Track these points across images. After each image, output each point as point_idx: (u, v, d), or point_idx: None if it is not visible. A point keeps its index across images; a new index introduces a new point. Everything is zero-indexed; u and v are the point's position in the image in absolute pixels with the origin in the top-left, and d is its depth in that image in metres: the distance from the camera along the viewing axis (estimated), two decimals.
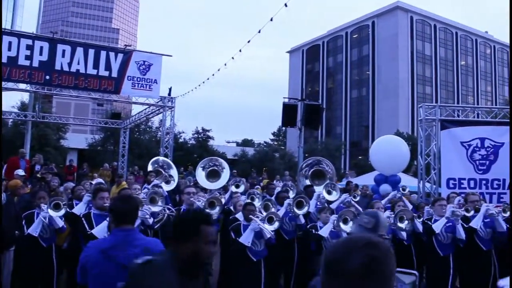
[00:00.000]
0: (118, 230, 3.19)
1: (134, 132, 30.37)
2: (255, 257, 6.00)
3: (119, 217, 3.24)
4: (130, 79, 13.90)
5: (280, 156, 41.46)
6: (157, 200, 6.65)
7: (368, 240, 1.36)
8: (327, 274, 1.34)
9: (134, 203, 3.39)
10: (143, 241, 3.17)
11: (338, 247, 1.37)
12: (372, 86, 67.54)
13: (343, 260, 1.29)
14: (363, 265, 1.26)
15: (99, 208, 5.35)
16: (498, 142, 10.71)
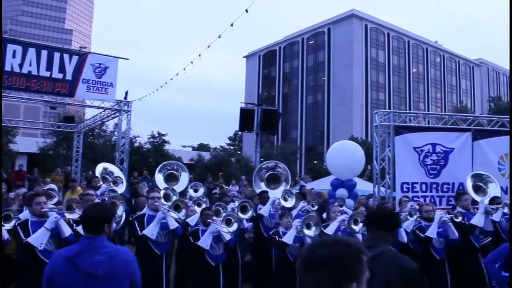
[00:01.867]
0: (84, 238, 3.17)
1: (88, 136, 29.66)
2: (214, 262, 5.97)
3: (84, 225, 3.24)
4: (85, 82, 13.57)
5: (236, 160, 41.46)
6: (117, 204, 6.54)
7: (337, 240, 1.58)
8: (302, 268, 1.53)
9: (103, 211, 3.31)
10: (109, 249, 3.13)
11: (313, 245, 1.58)
12: (328, 91, 68.57)
13: (314, 255, 1.49)
14: (331, 260, 1.44)
15: (37, 214, 5.11)
16: (449, 147, 11.06)
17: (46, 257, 4.99)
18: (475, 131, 11.32)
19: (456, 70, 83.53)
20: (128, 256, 3.20)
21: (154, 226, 5.86)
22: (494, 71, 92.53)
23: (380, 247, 2.76)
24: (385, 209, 4.41)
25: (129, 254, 3.24)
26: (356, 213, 6.82)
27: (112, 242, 7.06)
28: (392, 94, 71.13)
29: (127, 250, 3.29)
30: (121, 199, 6.78)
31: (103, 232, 3.16)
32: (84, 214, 3.43)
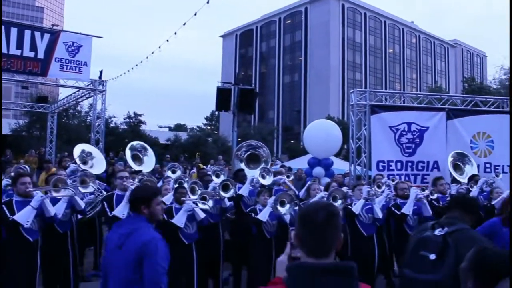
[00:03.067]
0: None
1: (62, 117, 29.14)
2: (187, 240, 5.96)
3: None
4: (58, 60, 13.26)
5: (213, 140, 41.35)
6: (87, 182, 6.44)
7: (328, 203, 2.20)
8: (301, 224, 1.98)
9: (139, 193, 3.61)
10: (134, 226, 3.40)
11: (309, 206, 2.07)
12: (305, 71, 68.63)
13: (314, 214, 1.94)
14: (328, 218, 1.92)
15: (21, 194, 5.16)
16: (424, 126, 11.22)
17: (30, 235, 5.09)
18: (449, 110, 11.49)
19: (431, 50, 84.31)
20: (145, 237, 3.31)
21: (123, 206, 5.76)
22: (469, 52, 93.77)
23: (457, 225, 3.21)
24: (466, 195, 5.39)
25: (148, 235, 3.34)
26: (334, 190, 6.88)
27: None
28: (368, 74, 71.56)
29: (149, 232, 3.39)
30: (92, 177, 6.66)
31: (139, 211, 3.43)
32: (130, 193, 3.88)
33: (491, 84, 40.41)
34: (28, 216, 4.98)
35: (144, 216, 3.43)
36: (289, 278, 1.85)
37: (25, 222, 4.94)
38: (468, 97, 13.17)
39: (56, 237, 5.93)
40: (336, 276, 1.81)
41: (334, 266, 1.85)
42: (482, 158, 11.41)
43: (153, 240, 3.32)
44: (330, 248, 1.91)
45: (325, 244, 1.90)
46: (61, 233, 5.98)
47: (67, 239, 6.09)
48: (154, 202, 3.49)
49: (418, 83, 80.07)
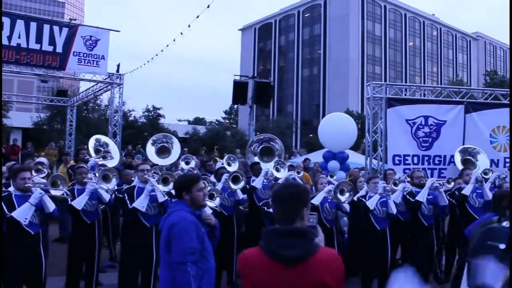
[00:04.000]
0: None
1: (82, 110, 29.51)
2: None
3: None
4: (76, 54, 13.41)
5: (232, 134, 41.44)
6: (110, 177, 6.55)
7: (294, 184, 3.12)
8: (273, 199, 2.61)
9: (179, 181, 4.04)
10: (172, 209, 3.74)
11: (280, 186, 2.70)
12: (323, 65, 68.23)
13: (281, 192, 2.53)
14: (290, 195, 2.47)
15: (20, 189, 5.17)
16: (441, 120, 11.06)
17: (32, 229, 5.11)
18: (468, 104, 11.30)
19: (453, 43, 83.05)
20: (174, 219, 3.56)
21: (144, 199, 5.88)
22: (491, 45, 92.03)
23: None
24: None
25: (177, 217, 3.56)
26: (341, 183, 6.85)
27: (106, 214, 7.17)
28: (388, 68, 70.85)
29: (179, 214, 3.60)
30: (114, 171, 6.78)
31: (182, 197, 3.72)
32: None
33: None
34: (27, 213, 4.97)
35: (185, 202, 3.68)
36: (263, 239, 2.38)
37: (23, 220, 4.93)
38: (487, 90, 12.93)
39: (84, 228, 6.08)
40: (295, 236, 2.30)
41: (294, 229, 2.35)
42: (502, 152, 11.20)
43: (180, 221, 3.51)
44: (292, 218, 2.39)
45: (288, 214, 2.41)
46: (88, 224, 6.11)
47: (94, 229, 6.21)
48: (195, 188, 3.72)
49: (439, 76, 79.00)
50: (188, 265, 3.40)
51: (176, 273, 3.43)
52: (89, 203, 6.03)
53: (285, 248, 2.25)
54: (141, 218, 5.93)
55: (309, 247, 2.29)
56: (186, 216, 3.58)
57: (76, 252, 6.08)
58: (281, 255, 2.26)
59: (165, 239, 3.54)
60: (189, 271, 3.40)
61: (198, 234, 3.53)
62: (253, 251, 2.41)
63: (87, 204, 5.98)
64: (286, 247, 2.26)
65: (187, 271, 3.40)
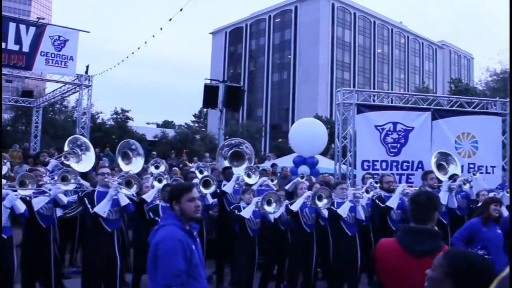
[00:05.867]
0: None
1: (48, 112, 28.87)
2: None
3: None
4: (43, 54, 13.15)
5: (201, 138, 41.22)
6: (69, 179, 6.38)
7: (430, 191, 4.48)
8: (410, 202, 3.16)
9: (170, 190, 3.82)
10: (161, 221, 3.63)
11: (418, 192, 3.52)
12: (293, 70, 68.65)
13: (419, 197, 3.10)
14: (428, 199, 3.05)
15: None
16: (409, 126, 11.27)
17: (4, 233, 5.00)
18: (435, 111, 11.56)
19: (419, 51, 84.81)
20: (159, 236, 3.30)
21: (105, 204, 5.71)
22: (456, 54, 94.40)
23: None
24: None
25: (163, 234, 3.29)
26: (320, 189, 6.87)
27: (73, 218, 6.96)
28: (357, 74, 71.78)
29: (166, 231, 3.32)
30: (73, 173, 6.59)
31: (172, 208, 3.43)
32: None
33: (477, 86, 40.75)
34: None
35: (175, 213, 3.39)
36: (399, 235, 3.00)
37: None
38: (453, 97, 13.28)
39: (38, 232, 5.88)
40: (427, 235, 2.89)
41: (426, 229, 2.94)
42: (466, 158, 11.50)
43: (166, 239, 3.25)
44: (426, 219, 2.98)
45: (423, 216, 2.99)
46: (43, 228, 5.93)
47: (49, 234, 6.04)
48: (185, 198, 3.40)
49: (406, 83, 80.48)
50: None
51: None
52: (45, 206, 5.87)
53: (417, 243, 2.83)
54: (102, 223, 5.78)
55: (436, 244, 2.83)
56: (174, 233, 3.29)
57: (30, 256, 5.86)
58: (414, 249, 2.82)
59: (152, 257, 3.29)
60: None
61: (185, 253, 3.25)
62: (389, 241, 3.03)
63: (43, 208, 5.82)
64: (418, 242, 2.83)
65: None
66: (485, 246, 5.23)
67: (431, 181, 7.89)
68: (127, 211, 5.99)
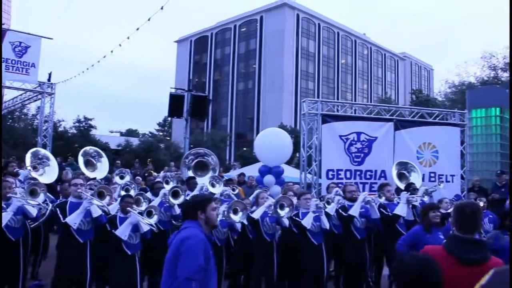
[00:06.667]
0: None
1: (7, 119, 28.12)
2: (130, 251, 5.85)
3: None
4: (3, 61, 12.80)
5: (166, 147, 40.91)
6: (38, 192, 6.25)
7: (472, 203, 3.59)
8: (456, 213, 3.23)
9: (188, 203, 4.10)
10: (182, 227, 3.77)
11: (463, 203, 3.41)
12: (258, 79, 68.97)
13: (464, 208, 3.21)
14: (472, 211, 3.20)
15: None
16: (372, 136, 11.52)
17: None
18: (397, 121, 11.86)
19: (382, 62, 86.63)
20: (184, 234, 3.60)
21: (78, 215, 5.69)
22: (417, 65, 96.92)
23: None
24: None
25: (188, 233, 3.59)
26: (281, 198, 6.92)
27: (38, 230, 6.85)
28: (321, 84, 72.67)
29: (190, 230, 3.62)
30: (43, 186, 6.49)
31: (195, 217, 3.71)
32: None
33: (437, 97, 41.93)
34: None
35: (198, 221, 3.69)
36: (447, 243, 3.13)
37: None
38: (415, 108, 13.64)
39: (7, 245, 5.71)
40: (475, 245, 2.99)
41: (473, 239, 3.05)
42: (427, 167, 11.83)
43: (190, 237, 3.54)
44: (473, 229, 3.09)
45: (470, 226, 3.09)
46: (12, 241, 5.76)
47: (19, 246, 5.87)
48: (209, 207, 3.76)
49: (369, 93, 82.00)
50: (193, 283, 3.41)
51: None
52: (14, 219, 5.72)
53: (466, 252, 2.94)
54: (74, 234, 5.72)
55: (485, 254, 2.96)
56: (198, 233, 3.60)
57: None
58: (463, 258, 2.93)
59: (173, 255, 3.56)
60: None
61: (205, 253, 3.54)
62: (436, 248, 3.17)
63: (11, 220, 5.67)
64: (467, 251, 2.95)
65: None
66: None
67: (388, 194, 7.99)
68: (99, 222, 5.93)
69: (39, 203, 6.05)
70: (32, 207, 5.93)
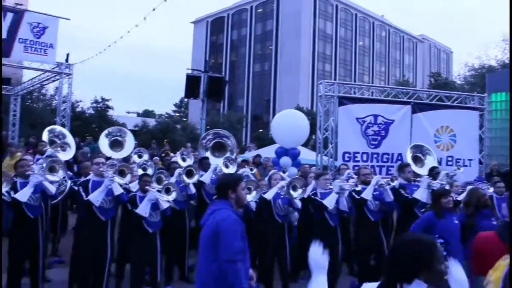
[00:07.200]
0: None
1: (26, 100, 28.43)
2: (151, 229, 5.95)
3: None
4: (22, 41, 12.89)
5: (182, 128, 41.10)
6: (57, 169, 6.34)
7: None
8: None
9: (222, 180, 3.98)
10: (215, 207, 3.75)
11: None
12: (275, 61, 68.66)
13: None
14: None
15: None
16: (389, 119, 11.43)
17: None
18: (415, 104, 11.73)
19: (400, 44, 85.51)
20: (220, 216, 3.59)
21: (100, 192, 5.77)
22: (436, 48, 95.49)
23: None
24: None
25: (224, 214, 3.59)
26: (294, 180, 6.93)
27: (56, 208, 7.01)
28: (338, 66, 72.12)
29: (225, 212, 3.63)
30: (61, 163, 6.58)
31: (226, 196, 3.74)
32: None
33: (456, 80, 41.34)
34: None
35: (229, 201, 3.72)
36: (499, 229, 3.26)
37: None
38: (433, 91, 13.48)
39: (26, 222, 5.84)
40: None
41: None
42: (444, 151, 11.72)
43: (227, 219, 3.56)
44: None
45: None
46: (32, 218, 5.89)
47: (37, 224, 5.97)
48: (240, 187, 3.80)
49: (386, 76, 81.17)
50: (238, 263, 3.44)
51: (226, 272, 3.44)
52: (33, 197, 5.83)
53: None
54: (96, 212, 5.82)
55: None
56: (231, 214, 3.64)
57: (18, 248, 5.81)
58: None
59: (210, 235, 3.57)
60: (239, 269, 3.44)
61: (241, 233, 3.60)
62: (489, 235, 3.24)
63: (30, 198, 5.79)
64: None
65: (237, 269, 3.43)
66: (441, 236, 5.36)
67: (408, 174, 7.93)
68: (121, 200, 6.03)
69: (58, 180, 6.16)
70: (51, 184, 6.03)
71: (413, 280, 2.08)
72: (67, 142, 8.62)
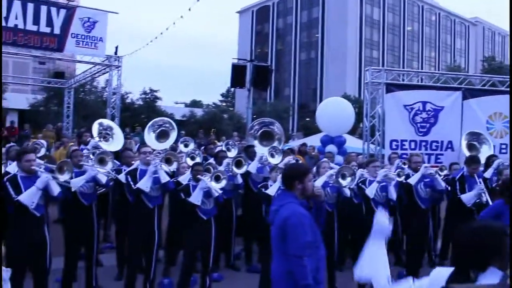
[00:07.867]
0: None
1: (79, 92, 29.34)
2: (206, 216, 6.06)
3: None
4: (74, 36, 13.38)
5: (229, 117, 41.37)
6: (106, 161, 6.58)
7: None
8: None
9: (290, 171, 3.97)
10: (282, 202, 3.74)
11: None
12: (321, 48, 67.92)
13: None
14: None
15: (26, 171, 5.20)
16: (439, 106, 11.13)
17: (36, 210, 5.12)
18: (466, 90, 11.38)
19: (451, 28, 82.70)
20: (286, 212, 3.58)
21: (147, 180, 5.92)
22: (490, 31, 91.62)
23: None
24: None
25: (290, 210, 3.58)
26: (343, 168, 6.87)
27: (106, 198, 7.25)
28: (386, 52, 70.63)
29: (291, 208, 3.61)
30: (110, 155, 6.80)
31: (292, 187, 3.73)
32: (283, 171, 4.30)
33: None
34: (34, 197, 5.03)
35: (293, 193, 3.71)
36: None
37: (31, 204, 4.99)
38: (485, 76, 13.00)
39: (81, 210, 6.08)
40: None
41: None
42: (498, 139, 11.31)
43: (293, 215, 3.56)
44: None
45: None
46: (85, 206, 6.12)
47: (91, 211, 6.21)
48: (307, 178, 3.78)
49: (436, 61, 78.79)
50: (305, 259, 3.48)
51: (293, 267, 3.50)
52: (86, 185, 6.05)
53: None
54: (144, 200, 5.98)
55: None
56: (298, 208, 3.64)
57: (74, 234, 6.05)
58: None
59: (279, 232, 3.61)
60: (305, 265, 3.48)
61: (310, 226, 3.60)
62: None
63: (84, 186, 6.01)
64: None
65: (304, 265, 3.47)
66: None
67: (474, 170, 7.48)
68: (167, 188, 6.18)
69: (108, 171, 6.38)
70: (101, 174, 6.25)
71: (486, 268, 2.02)
72: (110, 133, 8.82)
